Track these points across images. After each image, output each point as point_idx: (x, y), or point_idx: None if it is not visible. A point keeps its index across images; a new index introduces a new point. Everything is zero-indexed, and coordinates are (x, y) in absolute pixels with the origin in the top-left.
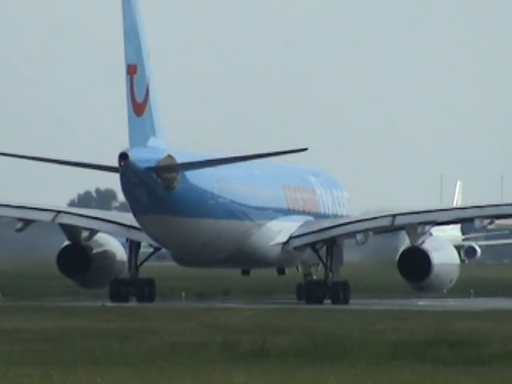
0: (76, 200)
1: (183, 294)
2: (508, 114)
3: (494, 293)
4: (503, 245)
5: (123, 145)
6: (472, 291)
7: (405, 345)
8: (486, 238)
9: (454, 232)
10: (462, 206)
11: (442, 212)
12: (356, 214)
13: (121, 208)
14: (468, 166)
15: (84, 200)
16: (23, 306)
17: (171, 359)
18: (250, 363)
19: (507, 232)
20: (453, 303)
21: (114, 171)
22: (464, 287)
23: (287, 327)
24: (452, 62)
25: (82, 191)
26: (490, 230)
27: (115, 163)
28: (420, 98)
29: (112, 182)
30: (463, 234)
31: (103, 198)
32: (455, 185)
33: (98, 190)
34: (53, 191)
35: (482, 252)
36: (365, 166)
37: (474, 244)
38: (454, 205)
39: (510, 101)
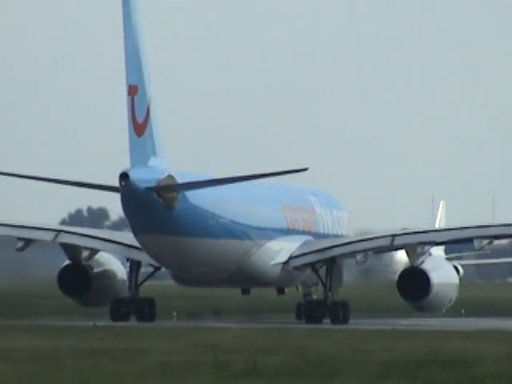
0: (67, 219)
1: (174, 314)
2: (500, 134)
3: (486, 312)
4: (492, 264)
5: (124, 165)
6: (463, 311)
7: (397, 364)
8: (477, 258)
9: (436, 252)
10: (462, 226)
11: (441, 232)
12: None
13: (113, 227)
14: (459, 186)
15: (75, 219)
16: (15, 325)
17: (162, 379)
18: (242, 383)
19: (488, 251)
20: (440, 323)
21: (114, 191)
22: (455, 307)
23: (279, 347)
24: (443, 84)
25: (73, 210)
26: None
27: (115, 183)
28: (416, 119)
29: (104, 200)
30: (446, 253)
31: (95, 217)
32: (439, 204)
33: (89, 209)
34: (43, 210)
35: (465, 271)
36: (361, 187)
37: (456, 264)
38: (437, 225)
39: (502, 120)
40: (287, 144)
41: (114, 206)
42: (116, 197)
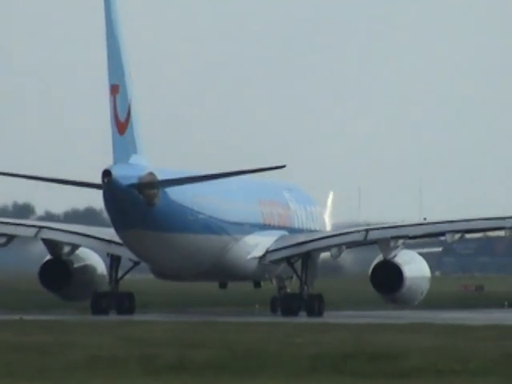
0: None
1: None
2: (427, 124)
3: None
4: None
5: (106, 162)
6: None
7: (324, 358)
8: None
9: None
10: (435, 221)
11: (414, 227)
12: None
13: None
14: (386, 178)
15: (0, 214)
16: None
17: (89, 373)
18: (169, 377)
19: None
20: (371, 315)
21: (96, 188)
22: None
23: (206, 340)
24: (376, 78)
25: None
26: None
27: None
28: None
29: (31, 195)
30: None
31: (20, 213)
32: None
33: (15, 204)
34: None
35: None
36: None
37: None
38: (327, 217)
39: (428, 111)
40: (264, 141)
41: (40, 201)
42: (43, 192)
